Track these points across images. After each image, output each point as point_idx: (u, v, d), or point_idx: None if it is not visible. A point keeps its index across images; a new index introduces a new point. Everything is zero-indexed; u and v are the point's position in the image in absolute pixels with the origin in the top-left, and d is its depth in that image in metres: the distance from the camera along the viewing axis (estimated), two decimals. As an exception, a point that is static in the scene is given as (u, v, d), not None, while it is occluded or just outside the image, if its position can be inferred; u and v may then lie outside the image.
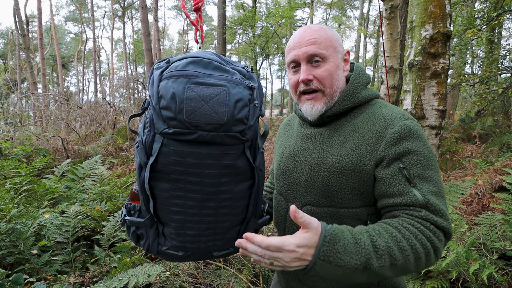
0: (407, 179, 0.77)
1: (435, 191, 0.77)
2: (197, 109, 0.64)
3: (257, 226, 0.87)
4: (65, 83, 36.97)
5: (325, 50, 0.87)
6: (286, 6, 14.11)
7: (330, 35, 0.89)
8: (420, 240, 0.71)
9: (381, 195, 0.81)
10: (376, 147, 0.81)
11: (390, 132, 0.80)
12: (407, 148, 0.78)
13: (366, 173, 0.82)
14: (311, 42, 0.87)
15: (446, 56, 2.33)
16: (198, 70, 0.67)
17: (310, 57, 0.87)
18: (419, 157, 0.78)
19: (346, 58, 0.94)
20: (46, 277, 1.99)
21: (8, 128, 7.34)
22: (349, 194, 0.84)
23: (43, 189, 3.02)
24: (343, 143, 0.87)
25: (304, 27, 0.92)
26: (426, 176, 0.77)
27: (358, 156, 0.83)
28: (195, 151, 0.68)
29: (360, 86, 0.91)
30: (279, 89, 48.46)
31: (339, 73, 0.90)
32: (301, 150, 0.96)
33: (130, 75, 12.02)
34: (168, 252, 0.84)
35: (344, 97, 0.90)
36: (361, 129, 0.86)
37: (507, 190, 2.79)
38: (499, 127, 6.24)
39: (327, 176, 0.86)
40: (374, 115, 0.87)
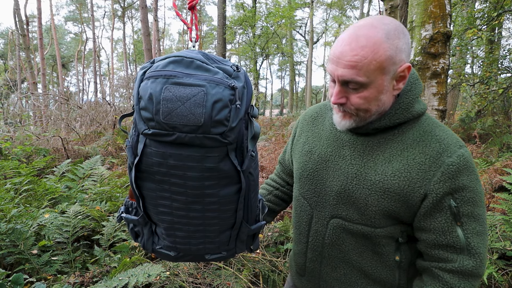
0: (454, 217, 0.74)
1: (479, 230, 0.75)
2: (173, 110, 0.62)
3: (250, 232, 0.84)
4: (65, 83, 36.98)
5: (366, 77, 0.72)
6: (286, 6, 14.12)
7: (381, 53, 0.71)
8: None
9: (422, 228, 0.79)
10: (429, 175, 0.75)
11: (447, 162, 0.74)
12: (463, 184, 0.74)
13: (412, 200, 0.77)
14: (350, 66, 0.72)
15: (446, 56, 2.33)
16: (178, 70, 0.65)
17: (344, 82, 0.76)
18: (472, 194, 0.74)
19: (403, 74, 0.77)
20: (46, 277, 1.99)
21: (8, 128, 7.33)
22: (387, 216, 0.80)
23: (43, 189, 3.02)
24: (389, 161, 0.79)
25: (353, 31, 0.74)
26: (475, 214, 0.75)
27: (407, 180, 0.76)
28: (176, 152, 0.66)
29: (415, 98, 0.81)
30: (279, 89, 48.46)
31: (382, 97, 0.77)
32: (335, 156, 0.88)
33: (130, 75, 12.02)
34: (161, 251, 0.84)
35: (396, 110, 0.79)
36: (410, 149, 0.78)
37: (507, 190, 2.79)
38: (499, 127, 6.24)
39: (367, 194, 0.80)
40: (427, 136, 0.78)
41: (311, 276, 0.96)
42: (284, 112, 29.91)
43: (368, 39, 0.71)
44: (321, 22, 34.09)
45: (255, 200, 0.82)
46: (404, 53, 0.74)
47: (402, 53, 0.74)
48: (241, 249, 0.87)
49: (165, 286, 1.97)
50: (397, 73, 0.75)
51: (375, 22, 0.73)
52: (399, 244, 0.84)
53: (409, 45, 0.77)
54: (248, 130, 0.73)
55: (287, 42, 27.43)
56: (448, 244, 0.75)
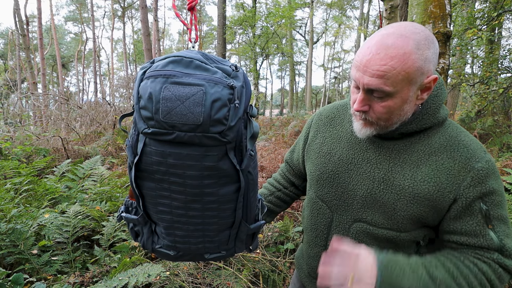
0: (486, 220, 0.75)
1: (508, 232, 0.76)
2: (173, 109, 0.63)
3: (249, 231, 0.84)
4: (65, 83, 37.00)
5: (393, 87, 0.72)
6: (286, 6, 14.12)
7: (410, 64, 0.70)
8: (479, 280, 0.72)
9: (452, 231, 0.78)
10: (458, 179, 0.75)
11: (477, 167, 0.75)
12: (492, 187, 0.75)
13: (441, 205, 0.77)
14: (378, 75, 0.71)
15: (446, 56, 2.33)
16: (178, 70, 0.65)
17: (370, 90, 0.75)
18: (499, 197, 0.76)
19: (429, 86, 0.76)
20: (46, 277, 1.99)
21: (8, 128, 7.33)
22: (415, 220, 0.80)
23: (43, 189, 3.02)
24: (417, 166, 0.79)
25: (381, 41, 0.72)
26: (503, 217, 0.76)
27: (436, 185, 0.77)
28: (176, 151, 0.67)
29: (440, 104, 0.82)
30: (279, 89, 48.46)
31: (405, 107, 0.76)
32: (359, 159, 0.87)
33: (130, 75, 12.02)
34: (161, 251, 0.84)
35: (423, 115, 0.80)
36: (438, 154, 0.78)
37: (507, 190, 2.79)
38: (499, 127, 6.25)
39: (395, 198, 0.80)
40: (454, 141, 0.79)
41: None
42: (284, 112, 29.91)
43: (398, 49, 0.70)
44: (321, 22, 34.11)
45: (254, 199, 0.82)
46: (432, 64, 0.74)
47: (430, 63, 0.73)
48: (241, 248, 0.88)
49: (165, 286, 1.97)
50: (423, 84, 0.75)
51: (404, 31, 0.72)
52: (420, 246, 0.85)
53: (437, 55, 0.76)
54: (247, 129, 0.73)
55: (287, 42, 27.43)
56: (483, 245, 0.75)
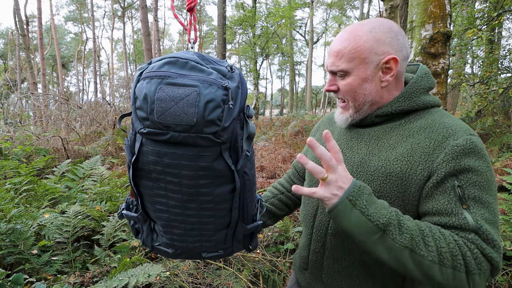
0: (459, 198, 0.69)
1: (490, 218, 0.69)
2: (167, 109, 0.64)
3: (246, 231, 0.85)
4: (65, 83, 36.99)
5: (347, 64, 0.81)
6: (286, 6, 14.12)
7: (361, 43, 0.79)
8: (451, 249, 0.66)
9: (426, 212, 0.74)
10: (432, 157, 0.73)
11: (452, 143, 0.72)
12: (468, 165, 0.70)
13: (414, 183, 0.75)
14: (335, 55, 0.82)
15: (446, 56, 2.33)
16: (173, 71, 0.66)
17: (333, 72, 0.85)
18: (479, 177, 0.70)
19: (390, 66, 0.80)
20: (46, 277, 1.99)
21: (8, 128, 7.33)
22: (391, 203, 0.78)
23: (43, 189, 3.02)
24: (393, 147, 0.80)
25: (344, 29, 0.84)
26: (483, 200, 0.69)
27: (409, 163, 0.76)
28: (171, 151, 0.68)
29: (420, 89, 0.83)
30: (279, 89, 48.46)
31: (367, 86, 0.82)
32: (344, 148, 0.91)
33: (130, 75, 12.02)
34: (160, 248, 0.86)
35: (398, 98, 0.83)
36: (416, 135, 0.78)
37: (507, 190, 2.79)
38: (499, 127, 6.25)
39: (369, 179, 0.81)
40: (434, 123, 0.79)
41: (313, 269, 0.97)
42: (284, 112, 29.92)
43: (351, 32, 0.81)
44: (321, 22, 34.12)
45: (251, 199, 0.83)
46: (388, 46, 0.79)
47: (385, 45, 0.79)
48: (238, 248, 0.89)
49: (165, 286, 1.97)
50: (381, 64, 0.80)
51: (365, 21, 0.83)
52: None
53: (399, 41, 0.80)
54: (244, 130, 0.73)
55: (287, 42, 27.44)
56: (456, 225, 0.69)
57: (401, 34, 0.82)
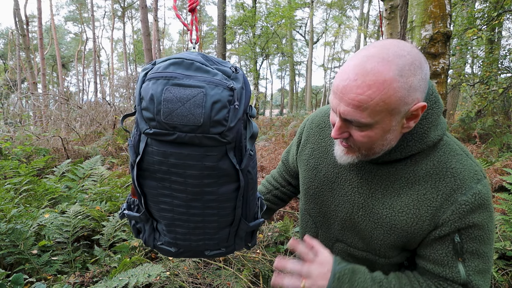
0: (456, 252, 0.71)
1: (482, 268, 0.71)
2: (174, 110, 0.64)
3: (249, 229, 0.86)
4: (65, 83, 37.00)
5: (371, 118, 0.65)
6: (286, 6, 14.12)
7: (390, 94, 0.62)
8: None
9: (422, 256, 0.77)
10: (439, 212, 0.71)
11: (461, 200, 0.69)
12: (473, 222, 0.69)
13: (419, 236, 0.75)
14: (354, 105, 0.64)
15: (446, 56, 2.33)
16: (179, 72, 0.66)
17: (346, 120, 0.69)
18: (481, 232, 0.70)
19: (416, 114, 0.67)
20: (46, 277, 1.99)
21: (8, 128, 7.33)
22: (394, 248, 0.79)
23: (43, 189, 3.02)
24: (398, 195, 0.76)
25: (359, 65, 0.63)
26: (480, 252, 0.71)
27: (415, 217, 0.73)
28: (177, 151, 0.68)
29: (430, 126, 0.73)
30: (279, 89, 48.47)
31: (388, 137, 0.70)
32: (342, 179, 0.85)
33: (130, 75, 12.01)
34: (162, 247, 0.87)
35: (409, 141, 0.73)
36: (422, 183, 0.73)
37: (507, 190, 2.79)
38: (499, 127, 6.25)
39: (373, 227, 0.79)
40: (441, 169, 0.72)
41: None
42: (284, 112, 29.91)
43: (378, 76, 0.62)
44: (321, 22, 34.12)
45: (253, 198, 0.83)
46: (418, 92, 0.65)
47: (416, 92, 0.65)
48: (240, 246, 0.90)
49: (165, 286, 1.97)
50: (409, 113, 0.67)
51: (387, 54, 0.63)
52: (404, 266, 0.86)
53: (426, 80, 0.67)
54: (247, 130, 0.74)
55: (287, 42, 27.43)
56: (448, 277, 0.72)
57: (426, 64, 0.67)
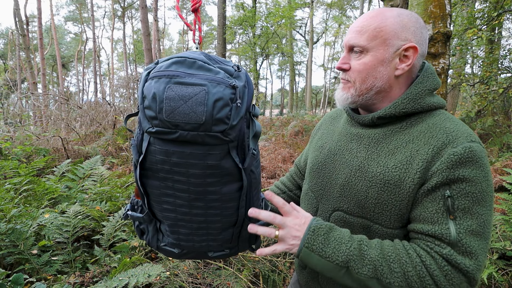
0: (447, 209, 0.69)
1: (476, 230, 0.67)
2: (176, 108, 0.64)
3: None
4: (65, 83, 36.99)
5: (367, 42, 0.78)
6: (286, 6, 14.12)
7: (386, 24, 0.77)
8: (418, 271, 0.68)
9: (413, 218, 0.75)
10: (430, 165, 0.72)
11: (450, 152, 0.70)
12: (464, 175, 0.68)
13: (410, 191, 0.73)
14: (357, 31, 0.80)
15: (446, 56, 2.33)
16: (181, 70, 0.67)
17: (350, 47, 0.82)
18: (473, 188, 0.68)
19: (408, 55, 0.78)
20: (46, 277, 1.99)
21: (8, 128, 7.33)
22: (388, 211, 0.77)
23: (43, 189, 3.02)
24: (393, 153, 0.78)
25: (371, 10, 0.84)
26: (473, 212, 0.68)
27: (407, 171, 0.74)
28: (179, 150, 0.68)
29: (425, 90, 0.79)
30: (279, 89, 48.46)
31: (381, 70, 0.79)
32: (343, 149, 0.89)
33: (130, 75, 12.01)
34: (165, 248, 0.86)
35: (403, 99, 0.79)
36: (416, 141, 0.76)
37: (507, 190, 2.79)
38: (499, 127, 6.25)
39: (367, 186, 0.79)
40: (435, 127, 0.76)
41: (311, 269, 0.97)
42: (284, 112, 29.91)
43: (379, 12, 0.79)
44: (321, 22, 34.11)
45: (257, 198, 0.83)
46: (412, 34, 0.78)
47: (409, 32, 0.78)
48: (244, 247, 0.89)
49: (165, 286, 1.97)
50: (401, 50, 0.78)
51: (394, 8, 0.81)
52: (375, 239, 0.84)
53: (422, 35, 0.79)
54: (250, 129, 0.74)
55: (287, 42, 27.43)
56: (436, 235, 0.69)
57: (425, 29, 0.80)
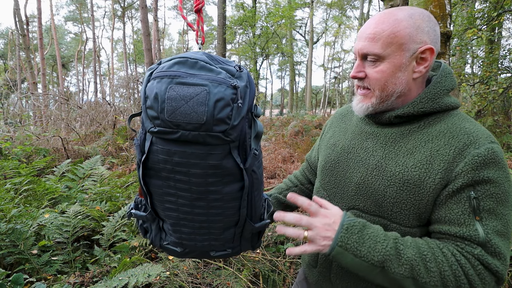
0: (473, 210, 0.69)
1: (502, 231, 0.69)
2: (177, 108, 0.65)
3: (254, 230, 0.85)
4: (65, 83, 37.00)
5: (383, 49, 0.76)
6: (286, 6, 14.13)
7: (400, 28, 0.75)
8: (454, 271, 0.67)
9: (437, 220, 0.74)
10: (452, 165, 0.71)
11: (474, 153, 0.70)
12: (488, 176, 0.69)
13: (431, 191, 0.73)
14: (369, 38, 0.77)
15: (446, 56, 2.33)
16: (183, 70, 0.67)
17: (363, 55, 0.80)
18: (497, 189, 0.69)
19: (425, 57, 0.77)
20: (46, 277, 1.99)
21: (8, 128, 7.33)
22: (407, 210, 0.77)
23: (43, 189, 3.02)
24: (411, 153, 0.77)
25: (378, 14, 0.80)
26: (498, 213, 0.69)
27: (428, 171, 0.73)
28: (181, 150, 0.69)
29: (444, 90, 0.79)
30: (279, 89, 48.46)
31: (400, 76, 0.78)
32: (358, 147, 0.88)
33: (130, 75, 12.01)
34: (168, 247, 0.87)
35: (421, 99, 0.79)
36: (435, 141, 0.75)
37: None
38: (499, 127, 6.25)
39: (385, 185, 0.79)
40: (455, 128, 0.75)
41: (322, 268, 0.97)
42: (284, 112, 29.89)
43: (390, 16, 0.76)
44: (321, 22, 34.11)
45: (259, 198, 0.83)
46: (426, 35, 0.76)
47: (424, 34, 0.76)
48: (246, 247, 0.89)
49: (165, 286, 1.97)
50: (417, 53, 0.76)
51: (402, 6, 0.78)
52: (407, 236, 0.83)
53: (436, 32, 0.77)
54: (252, 129, 0.74)
55: (287, 42, 27.43)
56: (465, 236, 0.69)
57: (437, 26, 0.78)
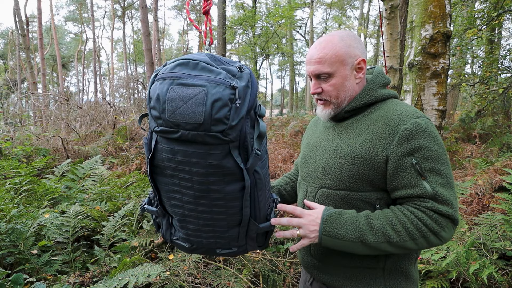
0: (418, 173, 0.86)
1: (444, 182, 0.86)
2: (177, 108, 0.67)
3: (259, 230, 0.87)
4: (65, 83, 36.99)
5: (330, 68, 0.96)
6: (286, 6, 14.11)
7: (338, 49, 0.96)
8: (415, 225, 0.84)
9: (394, 188, 0.91)
10: (389, 140, 0.90)
11: (402, 128, 0.88)
12: (418, 144, 0.86)
13: (377, 162, 0.91)
14: (317, 62, 0.97)
15: (446, 56, 2.33)
16: (184, 72, 0.69)
17: (316, 76, 0.99)
18: (430, 152, 0.86)
19: (361, 66, 0.99)
20: (46, 277, 1.99)
21: (8, 128, 7.33)
22: (360, 179, 0.93)
23: (43, 189, 3.02)
24: (359, 135, 0.96)
25: (317, 40, 1.01)
26: (437, 170, 0.86)
27: (371, 147, 0.92)
28: (182, 149, 0.71)
29: (377, 85, 1.00)
30: (279, 89, 48.45)
31: (347, 84, 0.98)
32: (323, 141, 1.07)
33: (130, 75, 12.02)
34: (177, 242, 0.91)
35: (360, 95, 1.00)
36: (376, 123, 0.94)
37: (507, 190, 2.79)
38: (499, 127, 6.25)
39: (341, 162, 0.96)
40: (389, 111, 0.94)
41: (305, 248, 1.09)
42: (284, 112, 29.85)
43: (328, 42, 0.98)
44: (321, 22, 34.09)
45: (263, 198, 0.84)
46: (357, 50, 0.99)
47: (355, 49, 0.98)
48: (252, 246, 0.91)
49: (165, 286, 1.97)
50: (355, 65, 0.98)
51: (332, 33, 1.01)
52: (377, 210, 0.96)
53: (361, 46, 1.01)
54: (255, 129, 0.76)
55: (287, 42, 27.41)
56: (418, 194, 0.86)
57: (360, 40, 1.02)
